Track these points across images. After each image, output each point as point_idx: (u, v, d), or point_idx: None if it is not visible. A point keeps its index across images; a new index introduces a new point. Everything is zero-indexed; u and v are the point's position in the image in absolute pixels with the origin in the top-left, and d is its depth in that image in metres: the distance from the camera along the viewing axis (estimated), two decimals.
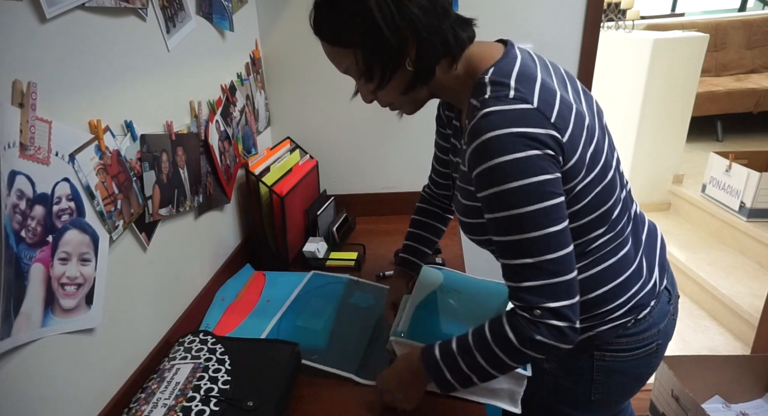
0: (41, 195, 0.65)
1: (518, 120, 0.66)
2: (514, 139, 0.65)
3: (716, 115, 4.14)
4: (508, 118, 0.66)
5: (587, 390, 0.88)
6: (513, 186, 0.66)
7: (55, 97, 0.68)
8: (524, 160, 0.65)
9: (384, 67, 0.74)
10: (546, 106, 0.68)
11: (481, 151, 0.67)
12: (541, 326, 0.68)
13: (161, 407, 0.77)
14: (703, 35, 3.06)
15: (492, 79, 0.71)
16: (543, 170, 0.66)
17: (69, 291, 0.71)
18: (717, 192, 2.88)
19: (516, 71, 0.71)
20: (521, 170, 0.65)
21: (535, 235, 0.67)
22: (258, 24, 1.51)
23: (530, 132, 0.66)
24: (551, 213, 0.67)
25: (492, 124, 0.66)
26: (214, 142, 1.16)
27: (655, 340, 0.86)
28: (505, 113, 0.66)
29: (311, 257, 1.38)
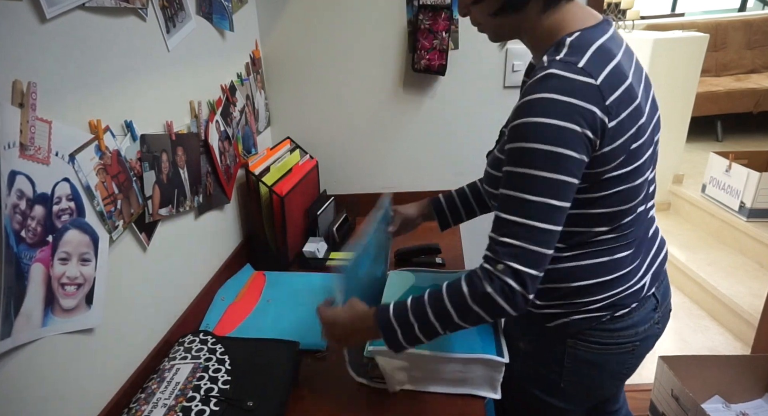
0: (41, 195, 0.65)
1: (574, 91, 0.66)
2: (562, 106, 0.66)
3: (716, 115, 4.14)
4: (566, 86, 0.66)
5: (557, 376, 0.89)
6: (539, 147, 0.67)
7: (55, 97, 0.68)
8: (561, 128, 0.66)
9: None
10: (607, 88, 0.68)
11: (526, 107, 0.68)
12: (496, 281, 0.70)
13: (161, 407, 0.78)
14: (703, 35, 3.06)
15: (573, 42, 0.71)
16: (572, 146, 0.67)
17: (69, 291, 0.71)
18: (717, 192, 2.88)
19: (597, 44, 0.71)
20: (554, 136, 0.66)
21: (536, 200, 0.68)
22: (258, 24, 1.51)
23: (580, 105, 0.66)
24: (560, 188, 0.68)
25: (548, 86, 0.67)
26: (214, 142, 1.16)
27: (631, 340, 0.86)
28: (565, 80, 0.67)
29: (311, 257, 1.38)
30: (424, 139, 1.61)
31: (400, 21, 1.48)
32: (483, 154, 1.60)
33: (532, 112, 0.67)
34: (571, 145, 0.66)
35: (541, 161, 0.67)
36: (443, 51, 1.45)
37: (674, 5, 5.51)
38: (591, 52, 0.69)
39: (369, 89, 1.56)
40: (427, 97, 1.56)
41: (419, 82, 1.54)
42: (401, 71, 1.54)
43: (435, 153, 1.63)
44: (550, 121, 0.66)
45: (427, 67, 1.47)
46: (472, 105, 1.56)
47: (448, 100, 1.56)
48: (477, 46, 1.48)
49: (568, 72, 0.67)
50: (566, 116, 0.66)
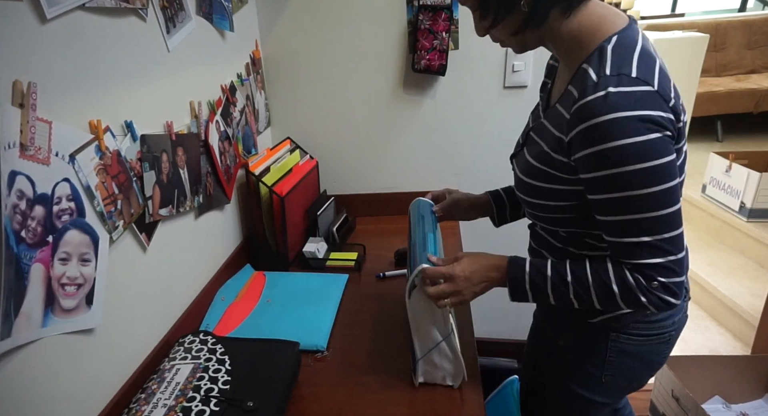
0: (41, 195, 0.65)
1: (640, 102, 0.65)
2: (636, 122, 0.64)
3: (716, 115, 4.14)
4: (630, 100, 0.65)
5: (599, 370, 0.89)
6: (632, 169, 0.66)
7: (55, 97, 0.68)
8: (646, 143, 0.65)
9: (499, 6, 0.73)
10: (665, 90, 0.67)
11: (596, 131, 0.66)
12: (652, 296, 0.72)
13: (161, 407, 0.78)
14: (703, 35, 3.05)
15: (615, 49, 0.69)
16: (663, 152, 0.66)
17: (69, 291, 0.71)
18: (717, 192, 2.88)
19: (639, 47, 0.69)
20: (642, 154, 0.65)
21: (661, 214, 0.68)
22: (258, 24, 1.51)
23: (651, 115, 0.65)
24: (669, 194, 0.68)
25: (611, 106, 0.65)
26: (214, 142, 1.16)
27: (668, 330, 0.87)
28: (626, 95, 0.65)
29: (311, 257, 1.38)
30: (424, 139, 1.61)
31: (400, 21, 1.48)
32: (483, 154, 1.61)
33: (607, 136, 0.65)
34: (660, 152, 0.66)
35: (640, 181, 0.67)
36: (443, 51, 1.45)
37: (674, 5, 5.51)
38: (636, 58, 0.68)
39: (369, 89, 1.56)
40: (427, 97, 1.56)
41: (419, 82, 1.54)
42: (401, 71, 1.54)
43: (435, 153, 1.63)
44: (631, 140, 0.64)
45: (427, 67, 1.47)
46: (472, 105, 1.56)
47: (448, 100, 1.56)
48: (477, 46, 1.48)
49: (625, 86, 0.66)
50: (644, 129, 0.65)
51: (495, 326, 1.84)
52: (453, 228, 1.57)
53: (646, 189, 0.67)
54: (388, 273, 1.32)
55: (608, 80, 0.66)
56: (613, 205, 0.70)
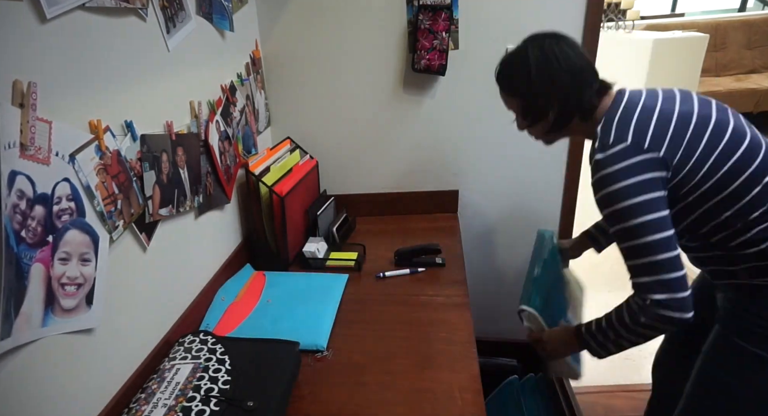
0: (41, 195, 0.65)
1: (617, 158, 0.86)
2: (616, 173, 0.85)
3: None
4: (609, 160, 0.87)
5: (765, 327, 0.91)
6: (620, 206, 0.86)
7: (55, 97, 0.68)
8: (626, 186, 0.85)
9: (533, 115, 1.01)
10: (639, 136, 0.86)
11: (595, 185, 0.89)
12: (648, 312, 0.86)
13: (161, 407, 0.78)
14: (703, 35, 3.06)
15: (601, 129, 0.92)
16: (642, 191, 0.84)
17: (69, 291, 0.71)
18: None
19: (617, 118, 0.90)
20: (625, 194, 0.85)
21: (642, 242, 0.85)
22: (258, 24, 1.51)
23: (627, 163, 0.85)
24: (653, 225, 0.84)
25: (599, 167, 0.88)
26: (214, 142, 1.16)
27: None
28: (606, 158, 0.87)
29: (311, 257, 1.38)
30: (425, 139, 1.61)
31: (400, 21, 1.48)
32: (483, 154, 1.61)
33: (600, 187, 0.88)
34: (639, 191, 0.84)
35: (628, 214, 0.85)
36: (443, 51, 1.45)
37: (674, 5, 5.51)
38: (614, 126, 0.89)
39: (369, 89, 1.56)
40: (427, 97, 1.56)
41: (419, 82, 1.54)
42: (401, 71, 1.54)
43: (435, 153, 1.63)
44: (615, 186, 0.86)
45: (427, 67, 1.47)
46: (472, 105, 1.56)
47: (448, 100, 1.56)
48: (477, 46, 1.48)
49: (605, 151, 0.87)
50: (623, 176, 0.85)
51: (495, 326, 1.84)
52: (453, 228, 1.57)
53: (631, 220, 0.85)
54: (388, 274, 1.32)
55: (595, 152, 0.90)
56: (617, 236, 0.89)
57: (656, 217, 0.84)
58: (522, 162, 1.61)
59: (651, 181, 0.85)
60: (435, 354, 1.01)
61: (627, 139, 0.86)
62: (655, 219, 0.84)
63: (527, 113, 1.01)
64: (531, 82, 0.96)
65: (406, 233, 1.56)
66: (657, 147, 0.85)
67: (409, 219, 1.66)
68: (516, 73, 0.99)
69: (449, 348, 1.03)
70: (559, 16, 1.44)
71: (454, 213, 1.67)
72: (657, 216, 0.84)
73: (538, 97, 0.97)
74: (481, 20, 1.46)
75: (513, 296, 1.81)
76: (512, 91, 1.02)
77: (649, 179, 0.84)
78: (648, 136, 0.86)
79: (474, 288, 1.75)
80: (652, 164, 0.85)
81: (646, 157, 0.85)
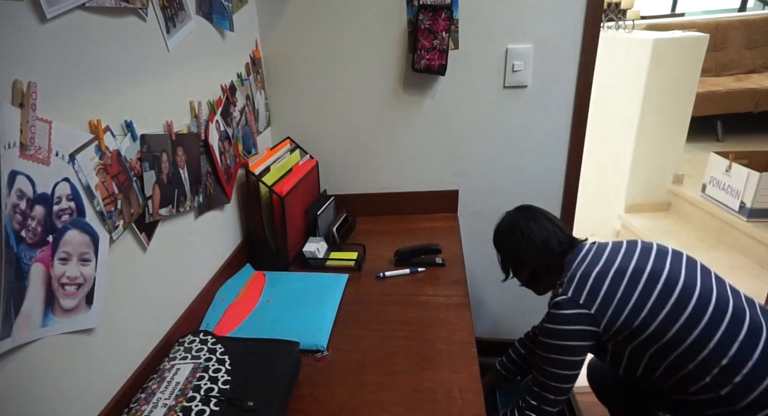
0: (41, 195, 0.65)
1: (559, 305, 1.03)
2: (555, 315, 1.03)
3: (716, 115, 4.14)
4: (555, 306, 1.04)
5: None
6: (549, 341, 1.04)
7: (55, 97, 0.68)
8: (554, 330, 1.03)
9: (507, 269, 1.27)
10: (577, 293, 1.02)
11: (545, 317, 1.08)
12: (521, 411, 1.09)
13: (161, 407, 0.77)
14: (703, 35, 3.05)
15: (560, 282, 1.08)
16: (563, 338, 1.02)
17: (69, 291, 0.71)
18: (717, 192, 2.88)
19: (568, 275, 1.06)
20: (554, 334, 1.03)
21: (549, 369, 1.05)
22: (258, 24, 1.51)
23: (562, 313, 1.02)
24: (563, 362, 1.03)
25: (550, 306, 1.06)
26: (214, 142, 1.16)
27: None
28: (553, 304, 1.04)
29: (311, 257, 1.38)
30: (424, 139, 1.61)
31: (400, 21, 1.48)
32: (483, 154, 1.61)
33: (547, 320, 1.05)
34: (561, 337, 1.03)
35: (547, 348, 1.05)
36: (443, 51, 1.45)
37: (674, 5, 5.51)
38: (565, 282, 1.05)
39: (369, 89, 1.56)
40: (427, 97, 1.56)
41: (419, 82, 1.54)
42: (401, 71, 1.54)
43: (435, 153, 1.63)
44: (548, 325, 1.04)
45: (427, 67, 1.47)
46: (472, 105, 1.56)
47: (448, 100, 1.56)
48: (477, 46, 1.49)
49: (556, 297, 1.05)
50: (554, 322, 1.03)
51: (495, 326, 1.84)
52: (453, 228, 1.57)
53: (550, 354, 1.04)
54: (388, 273, 1.32)
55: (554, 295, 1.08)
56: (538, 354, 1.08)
57: (568, 359, 1.03)
58: (522, 162, 1.62)
59: (577, 331, 1.01)
60: (435, 354, 1.01)
61: (567, 293, 1.03)
62: (567, 360, 1.03)
63: (504, 266, 1.26)
64: (501, 245, 1.24)
65: (406, 233, 1.56)
66: (589, 302, 1.00)
67: (409, 219, 1.66)
68: (495, 235, 1.26)
69: (449, 348, 1.03)
70: (559, 16, 1.44)
71: (454, 213, 1.67)
72: (569, 358, 1.03)
73: (507, 258, 1.24)
74: (481, 20, 1.46)
75: (513, 296, 1.81)
76: (499, 249, 1.26)
77: (576, 330, 1.01)
78: (584, 292, 1.01)
79: (474, 288, 1.75)
80: (583, 318, 1.00)
81: (578, 311, 1.01)
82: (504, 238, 1.22)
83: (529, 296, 1.80)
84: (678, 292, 0.96)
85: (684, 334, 0.93)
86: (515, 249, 1.19)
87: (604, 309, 0.99)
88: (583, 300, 1.01)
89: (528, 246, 1.16)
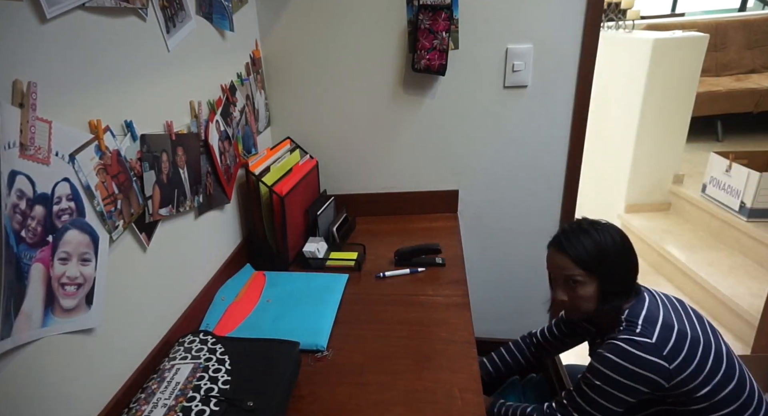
0: (41, 195, 0.65)
1: (638, 346, 0.99)
2: (626, 354, 0.99)
3: (716, 115, 4.14)
4: (633, 343, 1.00)
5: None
6: (607, 372, 1.01)
7: (55, 97, 0.68)
8: (621, 367, 0.99)
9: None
10: (662, 343, 0.99)
11: (607, 346, 1.03)
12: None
13: (161, 407, 0.77)
14: (703, 35, 3.05)
15: (627, 318, 1.05)
16: (628, 377, 0.99)
17: (69, 291, 0.71)
18: (717, 192, 2.88)
19: (643, 314, 1.04)
20: (618, 370, 1.00)
21: (597, 399, 1.03)
22: (258, 24, 1.51)
23: (639, 355, 0.98)
24: (614, 398, 1.01)
25: (622, 340, 1.01)
26: (214, 142, 1.16)
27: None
28: (631, 340, 1.00)
29: (311, 257, 1.38)
30: (425, 139, 1.61)
31: (400, 21, 1.48)
32: (483, 154, 1.61)
33: (607, 350, 1.02)
34: (629, 377, 0.99)
35: (604, 379, 1.02)
36: (443, 51, 1.45)
37: (674, 5, 5.51)
38: (641, 320, 1.03)
39: (369, 89, 1.56)
40: (427, 97, 1.56)
41: (419, 82, 1.54)
42: (401, 71, 1.54)
43: (435, 153, 1.63)
44: (617, 359, 1.00)
45: (427, 67, 1.47)
46: (472, 105, 1.56)
47: (448, 100, 1.56)
48: (477, 46, 1.48)
49: (631, 335, 1.01)
50: (629, 360, 0.99)
51: (495, 326, 1.84)
52: (453, 228, 1.57)
53: (605, 385, 1.01)
54: (388, 273, 1.32)
55: (620, 333, 1.03)
56: (586, 380, 1.05)
57: (621, 397, 1.00)
58: (522, 162, 1.62)
59: (646, 377, 0.98)
60: (435, 354, 1.01)
61: (652, 338, 1.00)
62: (620, 397, 1.01)
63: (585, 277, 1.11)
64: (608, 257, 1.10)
65: (406, 233, 1.56)
66: (671, 358, 0.98)
67: (409, 219, 1.66)
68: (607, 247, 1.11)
69: (449, 348, 1.03)
70: (560, 16, 1.44)
71: (454, 213, 1.67)
72: (622, 396, 1.00)
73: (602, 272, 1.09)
74: (481, 20, 1.46)
75: (513, 296, 1.81)
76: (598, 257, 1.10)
77: (646, 376, 0.98)
78: (670, 344, 0.99)
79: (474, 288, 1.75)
80: (659, 369, 0.98)
81: (659, 362, 0.98)
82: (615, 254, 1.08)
83: (528, 296, 1.81)
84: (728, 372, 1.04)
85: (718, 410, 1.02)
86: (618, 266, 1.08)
87: (681, 371, 0.99)
88: (667, 352, 0.99)
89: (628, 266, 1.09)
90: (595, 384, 1.02)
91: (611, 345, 1.02)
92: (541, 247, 1.80)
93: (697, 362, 1.00)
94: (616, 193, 3.33)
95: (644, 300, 1.08)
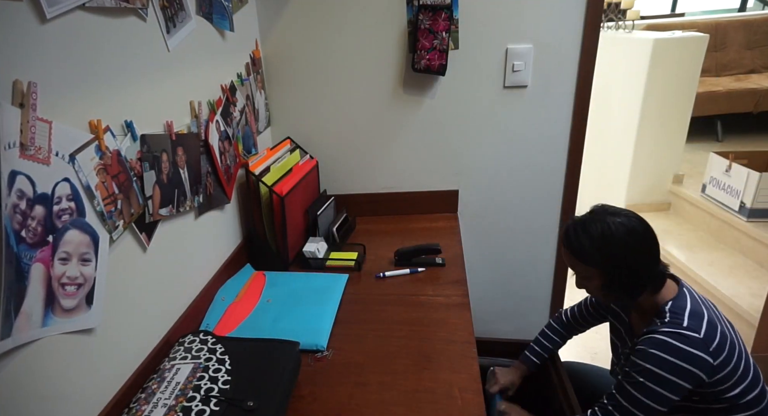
0: (41, 195, 0.65)
1: (686, 340, 0.96)
2: (671, 348, 0.97)
3: (716, 115, 4.14)
4: (680, 337, 0.97)
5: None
6: (650, 368, 0.98)
7: (55, 97, 0.68)
8: (665, 361, 0.96)
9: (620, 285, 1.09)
10: (709, 339, 0.97)
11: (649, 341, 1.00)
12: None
13: (161, 407, 0.78)
14: (703, 35, 3.05)
15: (671, 310, 1.02)
16: (673, 372, 0.96)
17: (69, 291, 0.71)
18: (717, 192, 2.88)
19: (688, 308, 1.02)
20: (658, 362, 0.97)
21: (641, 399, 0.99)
22: (258, 24, 1.51)
23: (686, 349, 0.96)
24: (658, 396, 0.98)
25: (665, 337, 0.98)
26: (214, 142, 1.16)
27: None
28: (678, 334, 0.97)
29: (311, 257, 1.38)
30: (424, 139, 1.61)
31: (400, 21, 1.48)
32: (483, 153, 1.61)
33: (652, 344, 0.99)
34: (673, 373, 0.96)
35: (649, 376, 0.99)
36: (443, 51, 1.45)
37: (674, 5, 5.51)
38: (687, 314, 1.00)
39: (369, 89, 1.56)
40: (427, 97, 1.56)
41: (419, 82, 1.54)
42: (401, 71, 1.54)
43: (435, 153, 1.63)
44: (663, 354, 0.97)
45: (427, 67, 1.47)
46: (472, 105, 1.56)
47: (448, 100, 1.56)
48: (477, 46, 1.48)
49: (678, 329, 0.98)
50: (675, 355, 0.96)
51: (495, 326, 1.84)
52: (453, 228, 1.57)
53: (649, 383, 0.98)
54: (388, 273, 1.32)
55: (667, 324, 1.00)
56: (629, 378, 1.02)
57: (664, 394, 0.98)
58: (522, 162, 1.62)
59: (690, 372, 0.96)
60: (435, 354, 1.01)
61: (700, 333, 0.97)
62: (663, 394, 0.98)
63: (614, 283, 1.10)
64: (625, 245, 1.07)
65: (406, 233, 1.56)
66: (716, 355, 0.97)
67: (409, 219, 1.66)
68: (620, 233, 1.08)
69: (449, 348, 1.03)
70: (560, 16, 1.44)
71: (454, 213, 1.67)
72: (665, 393, 0.98)
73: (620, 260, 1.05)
74: (481, 20, 1.46)
75: (513, 296, 1.81)
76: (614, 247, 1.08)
77: (690, 371, 0.96)
78: (715, 342, 0.98)
79: (474, 288, 1.75)
80: (704, 364, 0.96)
81: (705, 357, 0.96)
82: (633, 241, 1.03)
83: (528, 296, 1.81)
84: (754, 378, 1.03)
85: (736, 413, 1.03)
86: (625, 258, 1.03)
87: (722, 369, 0.98)
88: (713, 348, 0.97)
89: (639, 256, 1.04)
90: (639, 382, 0.99)
91: (655, 340, 0.98)
92: (541, 247, 1.80)
93: (734, 363, 0.99)
94: (616, 193, 3.33)
95: (686, 295, 1.06)
